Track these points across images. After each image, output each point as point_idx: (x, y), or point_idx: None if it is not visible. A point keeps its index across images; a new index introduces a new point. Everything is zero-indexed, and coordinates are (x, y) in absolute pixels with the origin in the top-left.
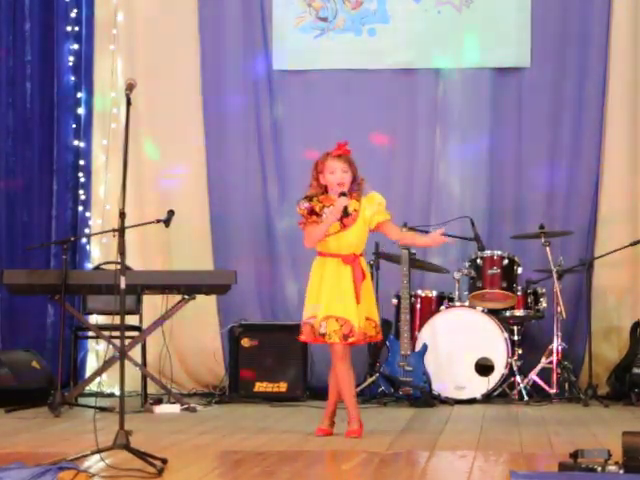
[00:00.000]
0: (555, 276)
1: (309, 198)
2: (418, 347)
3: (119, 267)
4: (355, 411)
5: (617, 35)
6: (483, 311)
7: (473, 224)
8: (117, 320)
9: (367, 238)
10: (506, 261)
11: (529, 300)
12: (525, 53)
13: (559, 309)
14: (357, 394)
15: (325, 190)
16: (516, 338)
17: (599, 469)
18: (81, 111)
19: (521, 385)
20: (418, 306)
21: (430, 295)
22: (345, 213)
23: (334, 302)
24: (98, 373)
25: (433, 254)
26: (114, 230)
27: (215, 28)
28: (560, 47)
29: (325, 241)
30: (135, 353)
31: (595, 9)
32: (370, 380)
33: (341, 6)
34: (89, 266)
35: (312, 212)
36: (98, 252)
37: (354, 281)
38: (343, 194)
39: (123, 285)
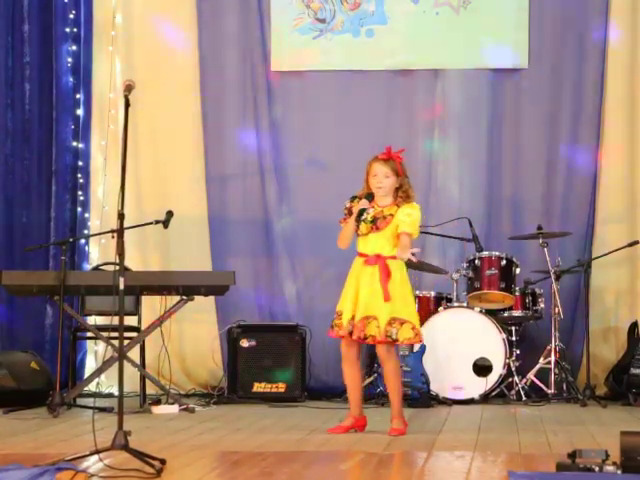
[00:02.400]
0: (553, 277)
1: (353, 198)
2: (416, 348)
3: (118, 268)
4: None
5: (614, 35)
6: (481, 312)
7: (471, 225)
8: (116, 321)
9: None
10: (504, 262)
11: (527, 301)
12: (523, 54)
13: (557, 310)
14: None
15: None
16: (514, 339)
17: (597, 469)
18: (80, 112)
19: (519, 385)
20: (416, 307)
21: (428, 296)
22: (359, 217)
23: (343, 298)
24: (97, 374)
25: (431, 255)
26: (113, 231)
27: (213, 29)
28: (558, 48)
29: (357, 241)
30: (134, 354)
31: (592, 9)
32: (368, 380)
33: (339, 7)
34: (88, 267)
35: (350, 212)
36: (97, 253)
37: (381, 281)
38: (368, 196)
39: (122, 286)
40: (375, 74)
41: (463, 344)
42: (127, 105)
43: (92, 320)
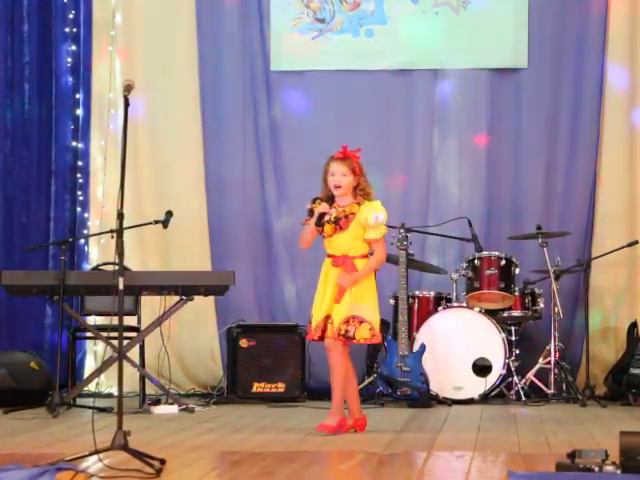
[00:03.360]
0: (552, 277)
1: (314, 200)
2: (416, 348)
3: (117, 268)
4: (337, 405)
5: (614, 35)
6: (481, 312)
7: (471, 225)
8: (115, 321)
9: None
10: (504, 262)
11: (526, 301)
12: (522, 54)
13: (556, 310)
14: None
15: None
16: (514, 338)
17: (596, 469)
18: (79, 112)
19: (519, 385)
20: (416, 307)
21: (428, 296)
22: (318, 221)
23: (316, 301)
24: (96, 374)
25: (431, 255)
26: (112, 231)
27: (213, 29)
28: (557, 48)
29: (324, 243)
30: (133, 354)
31: (592, 9)
32: (368, 381)
33: (339, 7)
34: (87, 267)
35: (311, 214)
36: (96, 253)
37: (338, 282)
38: (328, 199)
39: (121, 286)
40: (375, 74)
41: (462, 344)
42: (127, 105)
43: (91, 320)
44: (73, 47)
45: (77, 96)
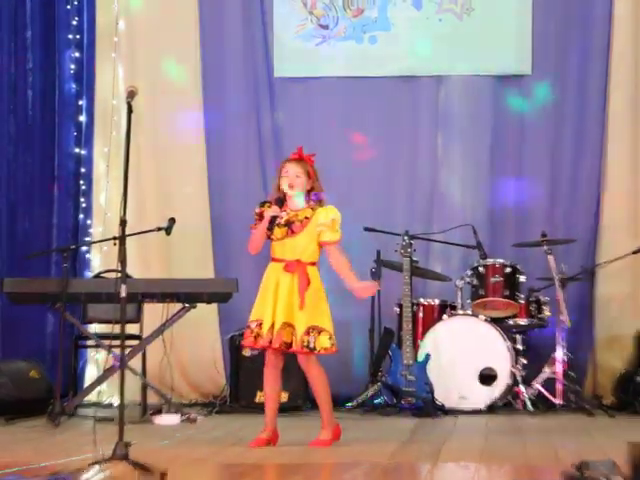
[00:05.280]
0: (558, 284)
1: (263, 203)
2: (421, 356)
3: (119, 275)
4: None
5: (618, 41)
6: (486, 319)
7: (475, 232)
8: (117, 329)
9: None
10: (508, 269)
11: (532, 308)
12: (526, 60)
13: (562, 317)
14: (359, 404)
15: (284, 196)
16: (520, 347)
17: None
18: (82, 119)
19: (525, 395)
20: (420, 314)
21: (432, 303)
22: (271, 224)
23: (261, 305)
24: (98, 383)
25: (435, 262)
26: (115, 238)
27: (216, 35)
28: (561, 54)
29: (272, 246)
30: (135, 362)
31: (596, 15)
32: (372, 390)
33: (342, 14)
34: (89, 274)
35: (261, 217)
36: (98, 260)
37: (300, 289)
38: (278, 201)
39: (124, 293)
40: (378, 81)
41: (468, 353)
42: (130, 111)
43: (93, 328)
44: (76, 54)
45: (80, 102)
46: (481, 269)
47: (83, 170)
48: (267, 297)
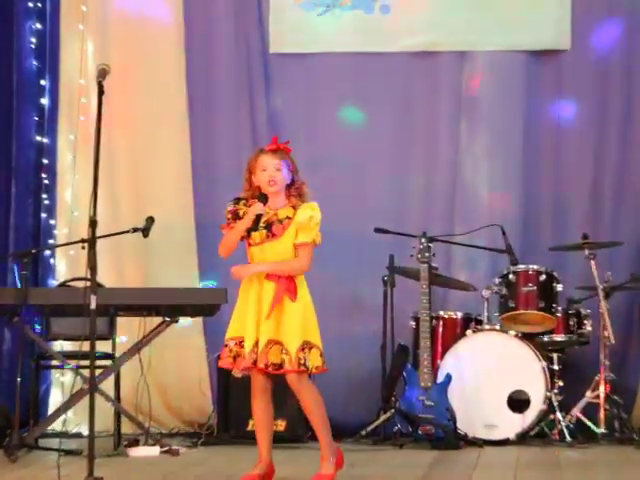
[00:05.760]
0: (601, 294)
1: (237, 201)
2: (440, 378)
3: (89, 284)
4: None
5: None
6: (517, 335)
7: (504, 233)
8: (86, 347)
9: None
10: (543, 277)
11: (571, 323)
12: (565, 33)
13: (606, 333)
14: (369, 433)
15: (259, 192)
16: (556, 367)
17: None
18: (45, 101)
19: (562, 423)
20: (440, 330)
21: (454, 317)
22: (256, 224)
23: (241, 321)
24: (63, 410)
25: (458, 268)
26: (83, 241)
27: (202, 5)
28: (604, 25)
29: (251, 252)
30: (107, 386)
31: None
32: (384, 417)
33: None
34: (53, 283)
35: (236, 216)
36: (64, 267)
37: (276, 297)
38: (261, 197)
39: (94, 305)
40: (391, 57)
41: (496, 374)
42: (101, 93)
43: (58, 346)
44: (38, 25)
45: (42, 82)
46: (511, 277)
47: (46, 162)
48: (248, 311)
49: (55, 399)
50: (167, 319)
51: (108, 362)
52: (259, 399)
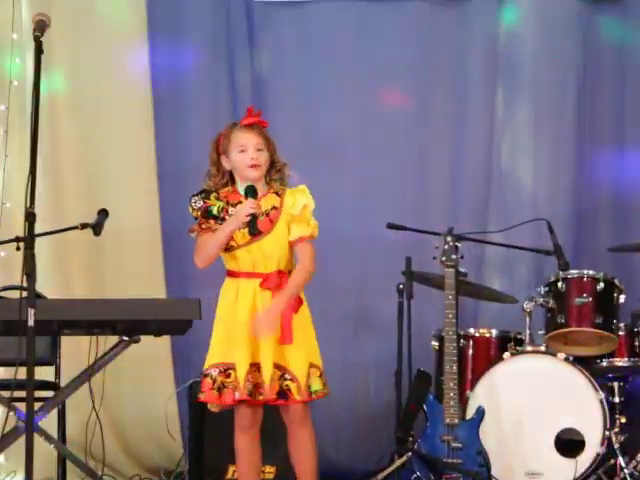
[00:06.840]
0: None
1: (205, 194)
2: (470, 414)
3: (26, 295)
4: None
5: None
6: (567, 359)
7: (552, 230)
8: (22, 373)
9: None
10: (601, 285)
11: (637, 344)
12: None
13: None
14: None
15: (231, 179)
16: (617, 400)
17: None
18: None
19: (626, 471)
20: (470, 352)
21: (488, 335)
22: (252, 225)
23: (228, 342)
24: None
25: (492, 275)
26: (18, 240)
27: None
28: None
29: (233, 256)
30: (50, 423)
31: None
32: (399, 462)
33: None
34: None
35: (209, 214)
36: None
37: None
38: (250, 191)
39: (32, 322)
40: (407, 4)
41: (540, 408)
42: (39, 52)
43: None
44: None
45: None
46: (560, 285)
47: None
48: (237, 329)
49: None
50: (125, 338)
51: (50, 393)
52: (247, 434)
